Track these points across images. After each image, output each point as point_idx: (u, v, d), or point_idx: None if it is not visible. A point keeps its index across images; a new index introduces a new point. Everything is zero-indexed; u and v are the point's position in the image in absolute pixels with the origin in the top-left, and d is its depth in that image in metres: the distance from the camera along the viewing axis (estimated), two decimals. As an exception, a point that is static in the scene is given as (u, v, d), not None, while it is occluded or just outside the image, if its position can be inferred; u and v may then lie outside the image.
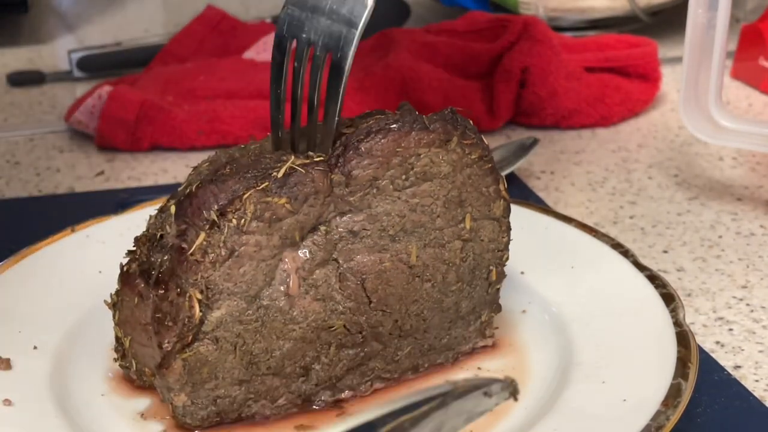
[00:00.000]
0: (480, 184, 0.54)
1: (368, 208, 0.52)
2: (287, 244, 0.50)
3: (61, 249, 0.64)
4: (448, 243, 0.54)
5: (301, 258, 0.51)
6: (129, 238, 0.65)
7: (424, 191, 0.53)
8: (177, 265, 0.49)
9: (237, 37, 1.07)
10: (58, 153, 0.90)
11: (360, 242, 0.52)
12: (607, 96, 0.94)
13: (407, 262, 0.53)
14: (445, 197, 0.53)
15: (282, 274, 0.51)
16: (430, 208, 0.53)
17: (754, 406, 0.55)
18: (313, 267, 0.51)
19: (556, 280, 0.62)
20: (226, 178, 0.50)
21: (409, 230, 0.53)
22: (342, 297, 0.52)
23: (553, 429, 0.49)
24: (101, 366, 0.56)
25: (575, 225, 0.66)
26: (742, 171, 0.84)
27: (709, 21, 0.72)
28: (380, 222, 0.52)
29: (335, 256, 0.52)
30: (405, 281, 0.53)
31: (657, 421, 0.47)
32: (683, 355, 0.52)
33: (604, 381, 0.52)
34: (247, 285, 0.50)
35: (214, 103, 0.92)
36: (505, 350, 0.58)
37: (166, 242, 0.51)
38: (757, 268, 0.70)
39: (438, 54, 0.96)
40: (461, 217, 0.54)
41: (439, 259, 0.54)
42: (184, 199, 0.50)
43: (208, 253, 0.49)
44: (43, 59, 1.16)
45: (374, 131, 0.51)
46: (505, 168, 0.80)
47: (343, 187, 0.51)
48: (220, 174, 0.50)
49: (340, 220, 0.51)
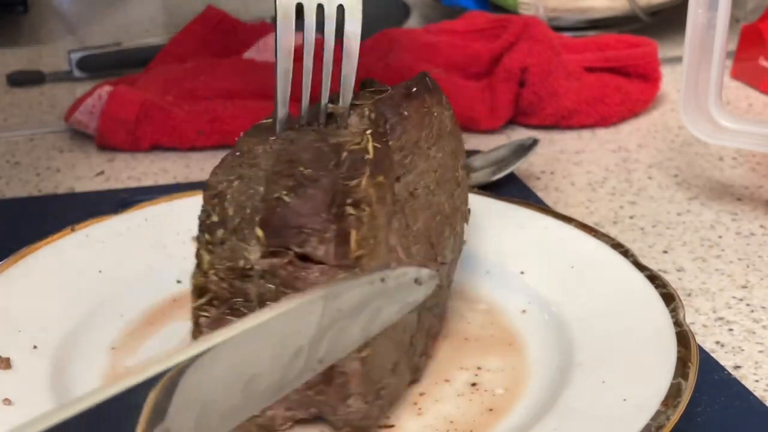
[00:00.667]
0: (459, 137, 0.59)
1: (415, 169, 0.53)
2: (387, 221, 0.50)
3: (61, 248, 0.64)
4: (454, 191, 0.57)
5: (395, 229, 0.51)
6: (129, 237, 0.66)
7: (441, 146, 0.55)
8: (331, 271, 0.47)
9: (237, 37, 1.07)
10: (58, 153, 0.90)
11: (416, 202, 0.53)
12: (607, 96, 0.94)
13: (444, 212, 0.56)
14: (450, 149, 0.57)
15: (391, 253, 0.51)
16: (444, 160, 0.56)
17: (754, 406, 0.55)
18: (400, 235, 0.52)
19: (556, 280, 0.62)
20: (310, 177, 0.48)
21: (440, 184, 0.56)
22: (420, 257, 0.54)
23: (553, 429, 0.49)
24: (101, 366, 0.56)
25: (575, 225, 0.66)
26: (742, 171, 0.84)
27: (709, 21, 0.72)
28: (424, 180, 0.54)
29: (407, 221, 0.53)
30: (444, 232, 0.56)
31: (657, 421, 0.47)
32: (683, 355, 0.52)
33: (604, 381, 0.52)
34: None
35: (214, 103, 0.92)
36: (505, 350, 0.58)
37: (261, 268, 0.48)
38: (757, 268, 0.70)
39: (438, 54, 0.96)
40: (457, 166, 0.58)
41: (453, 206, 0.58)
42: (270, 218, 0.47)
43: (364, 247, 0.47)
44: (43, 59, 1.16)
45: (403, 95, 0.53)
46: (505, 168, 0.80)
47: (398, 152, 0.52)
48: (300, 176, 0.48)
49: (400, 184, 0.52)
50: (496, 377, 0.56)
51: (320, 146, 0.50)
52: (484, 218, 0.67)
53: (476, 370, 0.57)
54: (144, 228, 0.67)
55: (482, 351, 0.58)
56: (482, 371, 0.56)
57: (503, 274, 0.64)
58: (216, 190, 0.49)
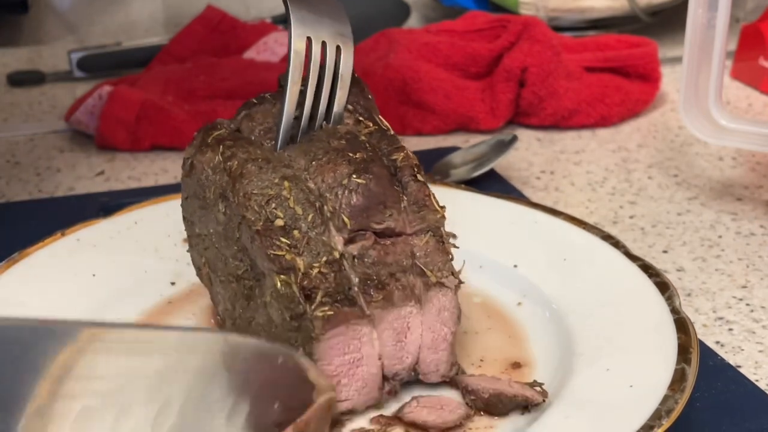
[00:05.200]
0: None
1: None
2: None
3: (54, 253, 0.63)
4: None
5: None
6: (120, 240, 0.65)
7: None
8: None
9: (237, 37, 1.07)
10: (58, 153, 0.90)
11: None
12: (607, 96, 0.94)
13: None
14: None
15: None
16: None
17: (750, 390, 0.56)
18: None
19: (550, 273, 0.62)
20: (365, 159, 0.52)
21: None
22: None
23: (564, 417, 0.50)
24: (101, 366, 0.56)
25: (564, 218, 0.66)
26: (742, 171, 0.84)
27: (709, 21, 0.72)
28: None
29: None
30: None
31: (666, 405, 0.48)
32: (684, 341, 0.53)
33: (608, 369, 0.53)
34: None
35: (214, 103, 0.92)
36: (505, 342, 0.59)
37: (352, 253, 0.51)
38: (757, 268, 0.70)
39: (438, 54, 0.96)
40: None
41: None
42: (354, 202, 0.51)
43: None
44: (43, 59, 1.16)
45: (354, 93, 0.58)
46: (485, 164, 0.80)
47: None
48: (355, 161, 0.52)
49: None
50: (498, 369, 0.56)
51: (344, 136, 0.53)
52: (474, 214, 0.68)
53: (479, 362, 0.57)
54: (134, 231, 0.67)
55: (482, 344, 0.58)
56: (485, 363, 0.57)
57: (497, 268, 0.64)
58: (267, 195, 0.51)
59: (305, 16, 0.56)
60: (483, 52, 0.95)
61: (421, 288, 0.52)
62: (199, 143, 0.56)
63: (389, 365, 0.52)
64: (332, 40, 0.56)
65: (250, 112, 0.57)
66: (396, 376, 0.53)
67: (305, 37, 0.55)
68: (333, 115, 0.56)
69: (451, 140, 0.91)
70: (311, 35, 0.56)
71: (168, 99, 0.92)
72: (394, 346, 0.52)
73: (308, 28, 0.56)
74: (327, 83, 0.56)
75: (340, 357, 0.50)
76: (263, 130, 0.56)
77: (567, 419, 0.50)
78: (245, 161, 0.52)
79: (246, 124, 0.57)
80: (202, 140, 0.56)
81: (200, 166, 0.55)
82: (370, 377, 0.52)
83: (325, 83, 0.56)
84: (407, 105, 0.93)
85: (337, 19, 0.57)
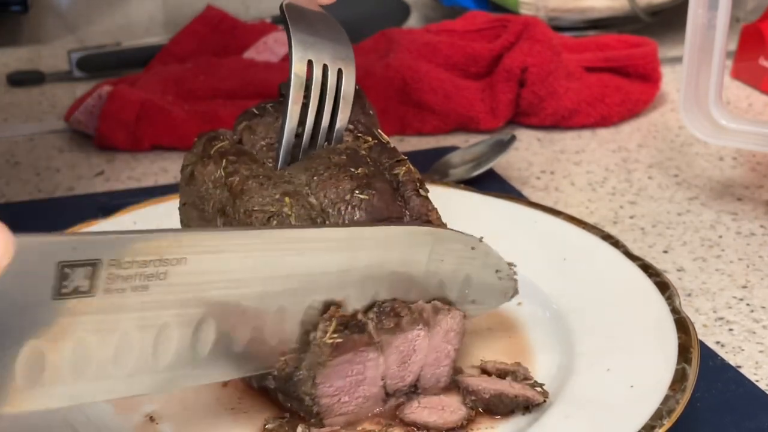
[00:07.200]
0: None
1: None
2: None
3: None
4: None
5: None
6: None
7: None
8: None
9: (237, 37, 1.07)
10: (58, 153, 0.90)
11: None
12: (607, 96, 0.94)
13: None
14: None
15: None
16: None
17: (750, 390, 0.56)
18: None
19: (550, 272, 0.62)
20: (367, 174, 0.52)
21: None
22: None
23: (565, 416, 0.50)
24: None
25: (564, 218, 0.66)
26: (742, 171, 0.84)
27: (709, 21, 0.72)
28: None
29: None
30: None
31: (667, 405, 0.49)
32: (684, 341, 0.53)
33: (608, 369, 0.53)
34: None
35: (214, 103, 0.92)
36: (506, 342, 0.59)
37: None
38: (757, 268, 0.70)
39: (438, 54, 0.96)
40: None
41: None
42: (358, 218, 0.51)
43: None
44: (43, 59, 1.15)
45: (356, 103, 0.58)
46: (484, 164, 0.80)
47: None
48: (357, 176, 0.51)
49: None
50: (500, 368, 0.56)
51: (344, 151, 0.53)
52: (473, 213, 0.68)
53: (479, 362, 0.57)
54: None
55: (483, 344, 0.58)
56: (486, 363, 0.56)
57: None
58: (269, 212, 0.50)
59: (306, 39, 0.55)
60: (483, 52, 0.95)
61: (430, 312, 0.52)
62: (201, 154, 0.55)
63: (391, 384, 0.52)
64: (333, 63, 0.56)
65: (251, 123, 0.57)
66: (397, 393, 0.53)
67: (306, 60, 0.55)
68: (334, 137, 0.56)
69: (450, 140, 0.91)
70: (312, 58, 0.55)
71: (168, 99, 0.92)
72: (399, 367, 0.52)
73: (309, 51, 0.55)
74: (328, 106, 0.56)
75: (342, 379, 0.50)
76: (265, 146, 0.56)
77: (568, 419, 0.50)
78: (247, 178, 0.52)
79: (247, 137, 0.56)
80: (203, 151, 0.55)
81: (201, 177, 0.54)
82: (371, 395, 0.52)
83: (326, 107, 0.56)
84: (407, 105, 0.93)
85: (339, 41, 0.57)
